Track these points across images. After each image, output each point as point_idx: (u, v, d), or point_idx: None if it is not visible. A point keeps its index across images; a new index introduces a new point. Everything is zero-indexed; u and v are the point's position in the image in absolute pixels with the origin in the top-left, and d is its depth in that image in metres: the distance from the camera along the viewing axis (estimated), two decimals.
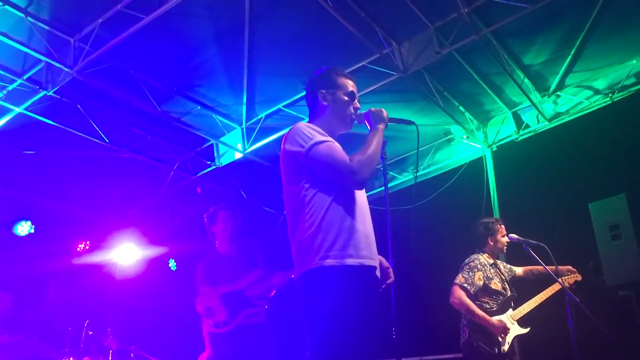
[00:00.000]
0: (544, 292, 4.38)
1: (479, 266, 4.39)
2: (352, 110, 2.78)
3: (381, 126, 2.67)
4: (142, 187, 7.71)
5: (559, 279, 4.30)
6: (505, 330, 4.15)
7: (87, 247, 7.73)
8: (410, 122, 2.84)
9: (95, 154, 6.71)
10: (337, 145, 2.60)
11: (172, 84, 6.03)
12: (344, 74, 2.86)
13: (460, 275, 4.36)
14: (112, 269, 7.56)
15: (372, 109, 2.74)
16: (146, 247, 7.90)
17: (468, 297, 4.25)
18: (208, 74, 5.94)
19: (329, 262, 2.39)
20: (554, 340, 4.29)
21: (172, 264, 8.20)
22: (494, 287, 4.34)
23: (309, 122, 2.80)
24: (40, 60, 5.34)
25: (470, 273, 4.35)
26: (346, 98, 2.77)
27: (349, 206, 2.53)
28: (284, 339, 5.20)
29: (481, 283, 4.31)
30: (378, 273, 2.58)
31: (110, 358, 5.46)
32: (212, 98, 6.34)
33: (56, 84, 5.45)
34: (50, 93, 5.53)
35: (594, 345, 4.43)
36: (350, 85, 2.82)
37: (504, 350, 4.12)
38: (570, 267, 4.50)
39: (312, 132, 2.58)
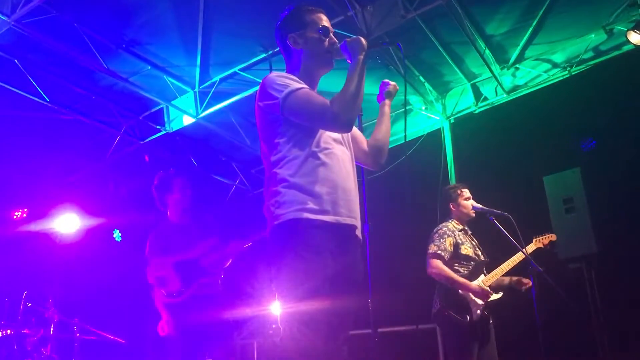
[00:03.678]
0: (515, 256, 4.32)
1: (447, 232, 4.33)
2: (328, 46, 2.54)
3: (361, 56, 2.41)
4: (85, 152, 7.29)
5: (527, 249, 4.30)
6: (487, 295, 4.08)
7: (24, 215, 7.27)
8: (392, 43, 2.67)
9: (34, 114, 6.26)
10: (314, 92, 2.43)
11: (120, 40, 5.64)
12: (312, 9, 2.57)
13: (432, 244, 4.28)
14: (52, 239, 7.14)
15: (348, 39, 2.49)
16: (88, 216, 7.50)
17: (444, 264, 4.18)
18: (159, 31, 5.59)
19: (305, 215, 2.24)
20: (517, 309, 4.28)
21: (116, 234, 7.83)
22: (464, 252, 4.27)
23: (286, 72, 2.58)
24: None
25: (441, 240, 4.28)
26: (318, 35, 2.52)
27: (329, 159, 2.37)
28: (239, 309, 5.04)
29: (452, 249, 4.25)
30: (359, 233, 2.44)
31: (52, 331, 5.14)
32: (164, 58, 5.99)
33: None
34: None
35: (554, 313, 4.47)
36: (322, 19, 2.56)
37: (476, 318, 4.05)
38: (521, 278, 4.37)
39: (285, 81, 2.38)
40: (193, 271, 4.06)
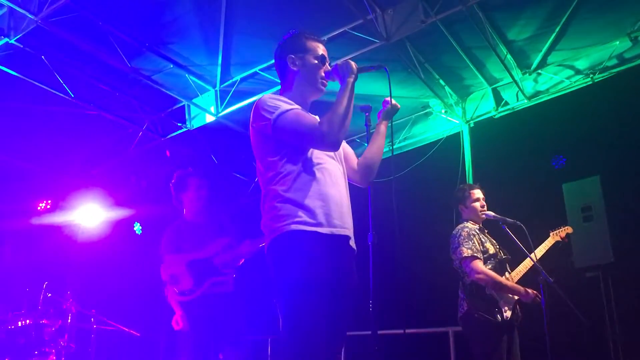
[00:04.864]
0: (539, 248, 4.28)
1: (472, 232, 4.19)
2: (323, 74, 2.66)
3: (351, 79, 2.51)
4: (108, 147, 7.43)
5: (538, 252, 4.25)
6: (533, 297, 3.99)
7: (47, 207, 7.45)
8: (381, 66, 2.72)
9: (59, 109, 6.39)
10: (305, 112, 2.52)
11: (144, 39, 5.73)
12: (313, 37, 2.71)
13: (462, 248, 4.10)
14: (73, 230, 7.30)
15: (339, 62, 2.60)
16: (110, 209, 7.65)
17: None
18: (182, 31, 5.66)
19: (300, 227, 2.34)
20: (526, 320, 4.24)
21: (137, 227, 7.98)
22: (489, 251, 4.16)
23: (280, 91, 2.72)
24: (2, 5, 5.02)
25: (470, 241, 4.12)
26: (316, 62, 2.64)
27: (321, 174, 2.46)
28: (252, 309, 5.09)
29: (482, 248, 4.13)
30: (352, 243, 2.52)
31: (69, 321, 5.27)
32: (186, 57, 6.07)
33: (19, 31, 5.13)
34: (13, 41, 5.21)
35: (565, 326, 4.42)
36: (321, 48, 2.68)
37: (507, 317, 3.98)
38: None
39: (276, 103, 2.49)
40: (205, 270, 4.12)
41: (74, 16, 5.13)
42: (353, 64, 2.55)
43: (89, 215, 7.47)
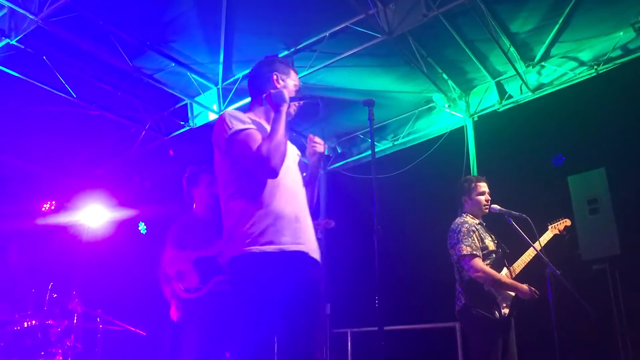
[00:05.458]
0: (536, 242, 4.23)
1: (472, 228, 4.11)
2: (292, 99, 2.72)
3: (283, 108, 2.58)
4: (111, 147, 7.42)
5: (542, 243, 4.19)
6: (534, 295, 3.95)
7: (52, 208, 7.45)
8: (315, 102, 2.82)
9: (61, 109, 6.39)
10: (256, 133, 2.53)
11: (145, 38, 5.72)
12: (292, 65, 2.86)
13: (461, 245, 4.02)
14: (78, 231, 7.30)
15: (272, 90, 2.65)
16: (115, 209, 7.65)
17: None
18: (183, 29, 5.65)
19: (250, 249, 2.40)
20: (534, 313, 4.21)
21: (142, 227, 7.98)
22: (488, 247, 4.10)
23: (250, 104, 2.78)
24: (2, 6, 5.02)
25: (469, 239, 4.04)
26: (293, 87, 2.75)
27: (273, 191, 2.51)
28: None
29: (481, 245, 4.06)
30: (315, 255, 2.55)
31: (75, 321, 5.27)
32: (187, 55, 6.06)
33: (20, 31, 5.13)
34: (14, 42, 5.21)
35: (573, 318, 4.39)
36: (296, 77, 2.82)
37: (505, 314, 3.92)
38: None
39: (233, 122, 2.53)
40: (211, 268, 4.11)
41: (75, 16, 5.13)
42: (285, 93, 2.61)
43: (94, 215, 7.47)
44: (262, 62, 2.84)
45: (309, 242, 2.55)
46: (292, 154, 2.73)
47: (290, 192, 2.56)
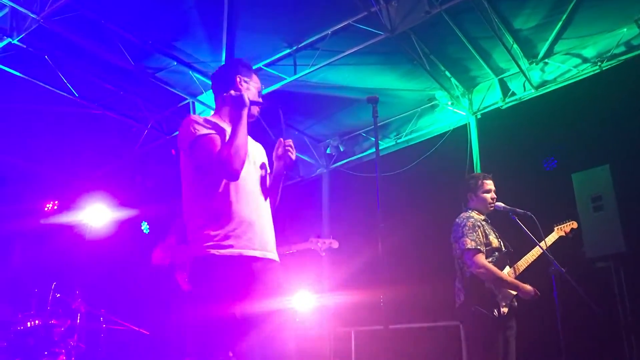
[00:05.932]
0: (542, 242, 4.19)
1: (477, 223, 4.08)
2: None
3: (244, 112, 2.62)
4: (113, 146, 7.42)
5: (546, 243, 4.16)
6: (535, 295, 3.94)
7: (55, 207, 7.45)
8: (277, 112, 2.90)
9: (63, 109, 6.38)
10: (217, 138, 2.57)
11: (147, 36, 5.71)
12: (255, 71, 2.93)
13: (465, 239, 3.99)
14: (81, 230, 7.29)
15: (232, 91, 2.69)
16: (117, 209, 7.64)
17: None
18: (185, 28, 5.64)
19: (211, 251, 2.45)
20: (538, 311, 4.19)
21: (144, 226, 7.97)
22: (492, 244, 4.06)
23: (216, 105, 2.82)
24: (4, 5, 5.00)
25: (474, 234, 4.00)
26: (255, 90, 2.80)
27: (234, 195, 2.55)
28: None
29: (485, 240, 4.03)
30: (273, 256, 2.61)
31: (78, 321, 5.26)
32: (189, 54, 6.05)
33: (21, 31, 5.13)
34: (15, 41, 5.20)
35: (577, 316, 4.37)
36: (258, 81, 2.87)
37: (504, 313, 3.89)
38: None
39: (195, 127, 2.57)
40: None
41: (76, 15, 5.13)
42: (245, 97, 2.65)
43: (96, 214, 7.44)
44: (225, 65, 2.93)
45: (266, 244, 2.59)
46: (256, 156, 2.76)
47: (250, 195, 2.60)
